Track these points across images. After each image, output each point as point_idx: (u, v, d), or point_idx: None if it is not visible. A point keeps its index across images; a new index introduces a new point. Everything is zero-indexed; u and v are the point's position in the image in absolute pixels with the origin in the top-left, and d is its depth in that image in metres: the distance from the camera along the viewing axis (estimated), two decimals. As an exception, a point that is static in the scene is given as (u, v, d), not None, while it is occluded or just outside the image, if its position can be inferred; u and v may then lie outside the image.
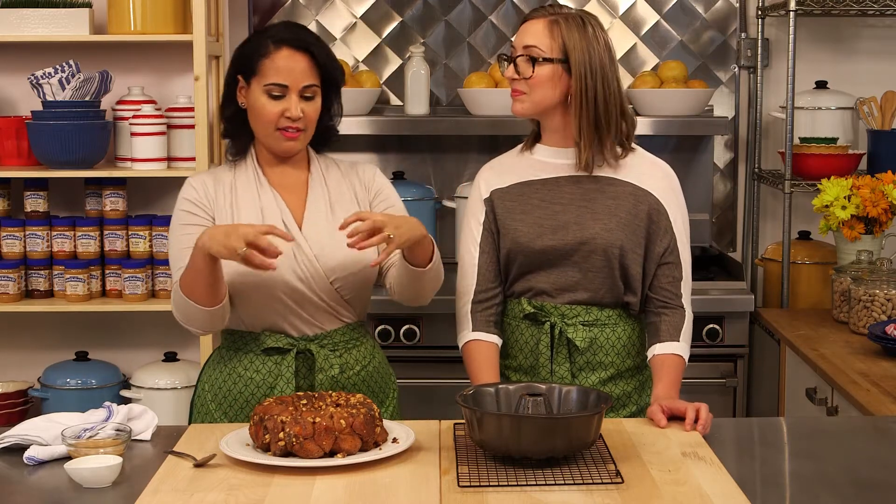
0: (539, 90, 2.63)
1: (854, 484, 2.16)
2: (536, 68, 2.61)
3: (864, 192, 3.72)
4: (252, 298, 2.62)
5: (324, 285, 2.64)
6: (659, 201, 2.68)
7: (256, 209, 2.66)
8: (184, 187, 2.70)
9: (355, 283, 2.67)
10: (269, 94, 2.61)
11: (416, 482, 2.11)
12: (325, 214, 2.68)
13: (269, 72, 2.61)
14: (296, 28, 2.69)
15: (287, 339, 2.65)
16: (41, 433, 2.30)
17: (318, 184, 2.72)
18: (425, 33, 4.31)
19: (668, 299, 2.68)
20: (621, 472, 2.13)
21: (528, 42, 2.63)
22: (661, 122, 4.06)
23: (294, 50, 2.62)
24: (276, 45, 2.62)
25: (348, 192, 2.73)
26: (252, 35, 2.73)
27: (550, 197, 2.69)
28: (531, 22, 2.66)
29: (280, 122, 2.62)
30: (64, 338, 4.09)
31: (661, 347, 2.65)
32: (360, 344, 2.73)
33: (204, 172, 2.75)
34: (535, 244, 2.66)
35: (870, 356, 3.29)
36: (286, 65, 2.61)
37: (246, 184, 2.69)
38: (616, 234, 2.64)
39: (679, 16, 4.30)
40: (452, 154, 4.29)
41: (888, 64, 4.27)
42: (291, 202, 2.69)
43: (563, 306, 2.68)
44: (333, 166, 2.77)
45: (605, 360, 2.69)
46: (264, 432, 2.21)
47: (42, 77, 3.72)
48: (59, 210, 4.06)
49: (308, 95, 2.63)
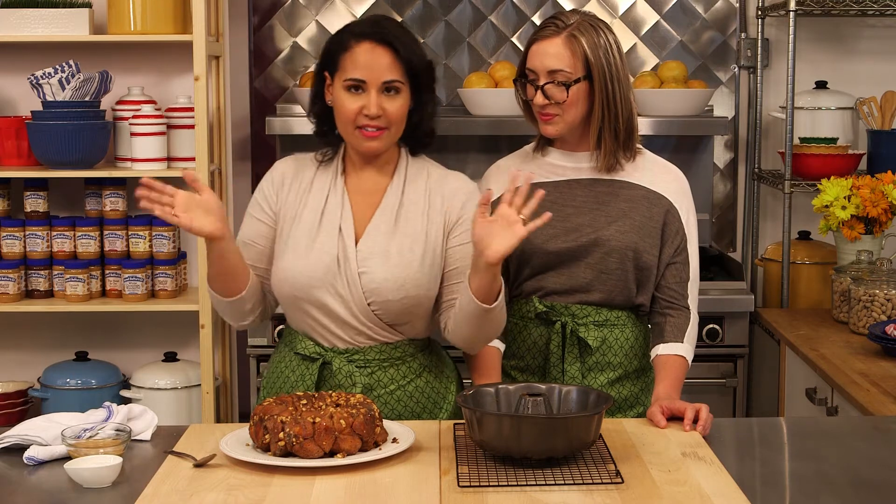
0: (572, 110, 2.62)
1: (854, 484, 2.16)
2: (570, 92, 2.59)
3: (864, 192, 3.72)
4: (286, 304, 2.61)
5: (361, 306, 2.53)
6: (672, 204, 2.69)
7: (318, 212, 2.57)
8: (270, 171, 2.66)
9: (397, 310, 2.54)
10: (348, 90, 2.51)
11: (416, 482, 2.11)
12: (388, 228, 2.56)
13: (349, 66, 2.50)
14: (382, 21, 2.55)
15: (316, 348, 2.59)
16: (41, 433, 2.30)
17: (394, 192, 2.59)
18: (425, 33, 4.31)
19: (674, 299, 2.68)
20: (621, 472, 2.13)
21: (553, 66, 2.59)
22: (661, 122, 4.06)
23: (375, 43, 2.50)
24: (356, 39, 2.51)
25: (422, 208, 2.58)
26: (339, 30, 2.59)
27: (563, 200, 2.68)
28: (547, 42, 2.61)
29: (358, 119, 2.50)
30: (64, 338, 4.09)
31: (665, 348, 2.64)
32: (401, 363, 2.60)
33: (292, 159, 2.66)
34: (548, 246, 2.65)
35: (870, 356, 3.29)
36: (365, 59, 2.49)
37: (322, 184, 2.60)
38: (630, 235, 2.64)
39: (679, 16, 4.30)
40: (452, 154, 4.28)
41: (888, 64, 4.28)
42: (361, 210, 2.58)
43: (573, 306, 2.67)
44: (423, 174, 2.62)
45: (614, 360, 2.69)
46: (264, 432, 2.21)
47: (42, 77, 3.72)
48: (59, 210, 4.06)
49: (390, 91, 2.51)
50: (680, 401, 2.49)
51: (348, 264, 2.53)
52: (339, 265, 2.53)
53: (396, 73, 2.50)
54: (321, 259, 2.53)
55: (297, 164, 2.66)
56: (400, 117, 2.53)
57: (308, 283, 2.53)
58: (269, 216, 2.62)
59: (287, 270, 2.55)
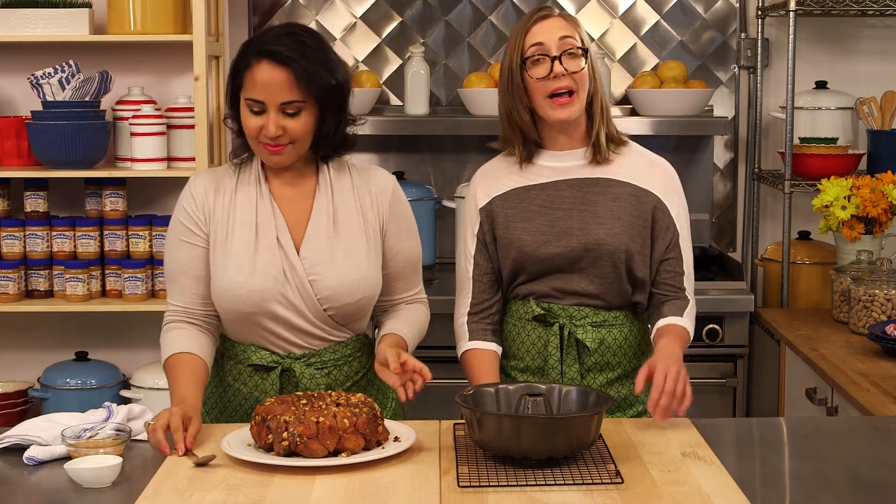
0: (585, 85, 2.61)
1: (854, 484, 2.16)
2: (586, 59, 2.61)
3: (863, 192, 3.72)
4: (231, 320, 2.56)
5: (317, 312, 2.53)
6: (660, 199, 2.67)
7: (251, 225, 2.53)
8: (184, 192, 2.59)
9: (351, 311, 2.56)
10: (250, 109, 2.47)
11: (416, 482, 2.11)
12: (327, 232, 2.55)
13: (249, 85, 2.46)
14: (283, 38, 2.46)
15: (272, 357, 2.57)
16: (41, 433, 2.30)
17: (324, 196, 2.57)
18: (425, 33, 4.31)
19: (671, 292, 2.67)
20: (621, 472, 2.13)
21: (563, 33, 2.59)
22: (661, 122, 4.06)
23: (273, 64, 2.43)
24: (256, 58, 2.45)
25: (354, 207, 2.57)
26: (247, 41, 2.54)
27: (550, 202, 2.66)
28: (549, 21, 2.62)
29: (260, 136, 2.47)
30: (64, 338, 4.09)
31: (664, 321, 2.63)
32: (352, 360, 2.62)
33: (207, 174, 2.61)
34: (539, 252, 2.64)
35: (870, 356, 3.29)
36: (263, 80, 2.44)
37: (246, 193, 2.56)
38: (621, 238, 2.63)
39: (679, 16, 4.30)
40: (452, 154, 4.29)
41: (888, 64, 4.28)
42: (292, 217, 2.56)
43: (571, 307, 2.67)
44: (345, 174, 2.61)
45: (613, 360, 2.69)
46: (267, 432, 2.21)
47: (42, 77, 3.72)
48: (59, 210, 4.06)
49: (290, 112, 2.45)
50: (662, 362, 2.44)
51: (295, 273, 2.51)
52: (285, 276, 2.51)
53: (295, 94, 2.44)
54: (267, 272, 2.50)
55: (214, 177, 2.59)
56: (303, 133, 2.48)
57: (259, 298, 2.50)
58: (201, 237, 2.55)
59: (233, 289, 2.51)
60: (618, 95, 4.29)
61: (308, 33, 2.51)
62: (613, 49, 4.30)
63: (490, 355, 2.68)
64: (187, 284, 2.55)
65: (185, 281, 2.56)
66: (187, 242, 2.55)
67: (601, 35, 4.28)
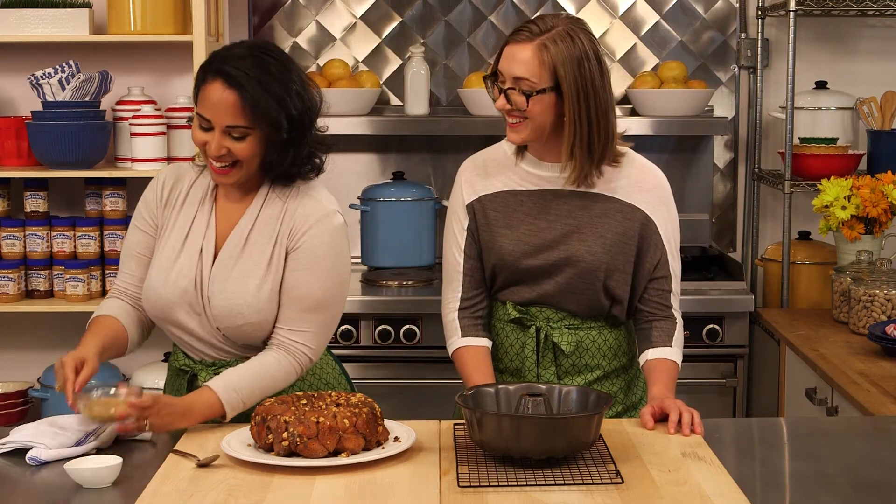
0: (537, 119, 2.53)
1: (854, 484, 2.16)
2: (531, 102, 2.50)
3: (864, 192, 3.72)
4: (154, 320, 2.61)
5: (210, 328, 2.53)
6: (647, 216, 2.61)
7: (184, 231, 2.55)
8: (154, 180, 2.61)
9: (240, 334, 2.51)
10: (199, 124, 2.45)
11: (416, 482, 2.11)
12: (235, 252, 2.52)
13: (201, 100, 2.45)
14: (246, 59, 2.42)
15: (186, 360, 2.60)
16: (45, 440, 2.29)
17: (250, 215, 2.53)
18: (425, 33, 4.31)
19: (659, 311, 2.65)
20: (621, 472, 2.13)
21: (517, 73, 2.50)
22: (661, 123, 4.06)
23: (225, 85, 2.40)
24: (212, 75, 2.42)
25: (272, 231, 2.51)
26: (213, 53, 2.49)
27: (535, 211, 2.63)
28: (518, 47, 2.51)
29: (207, 152, 2.46)
30: (64, 338, 4.08)
31: (654, 353, 2.61)
32: None
33: (175, 168, 2.63)
34: (519, 263, 2.62)
35: (870, 356, 3.29)
36: (212, 99, 2.41)
37: (196, 194, 2.58)
38: (601, 256, 2.59)
39: (679, 16, 4.30)
40: (452, 154, 4.29)
41: (888, 64, 4.28)
42: (224, 230, 2.55)
43: (548, 310, 2.66)
44: (284, 196, 2.53)
45: (592, 362, 2.67)
46: (267, 432, 2.21)
47: (42, 77, 3.72)
48: (59, 210, 4.06)
49: (235, 136, 2.42)
50: (670, 400, 2.47)
51: (203, 287, 2.52)
52: (195, 287, 2.52)
53: (240, 119, 2.40)
54: (178, 282, 2.52)
55: (177, 174, 2.62)
56: (249, 156, 2.44)
57: (168, 304, 2.53)
58: (152, 228, 2.60)
59: (149, 290, 2.55)
60: (618, 95, 4.29)
61: (274, 59, 2.45)
62: (613, 49, 4.30)
63: (483, 352, 2.67)
64: (132, 267, 2.62)
65: (130, 264, 2.62)
66: (139, 228, 2.62)
67: (601, 35, 4.28)
